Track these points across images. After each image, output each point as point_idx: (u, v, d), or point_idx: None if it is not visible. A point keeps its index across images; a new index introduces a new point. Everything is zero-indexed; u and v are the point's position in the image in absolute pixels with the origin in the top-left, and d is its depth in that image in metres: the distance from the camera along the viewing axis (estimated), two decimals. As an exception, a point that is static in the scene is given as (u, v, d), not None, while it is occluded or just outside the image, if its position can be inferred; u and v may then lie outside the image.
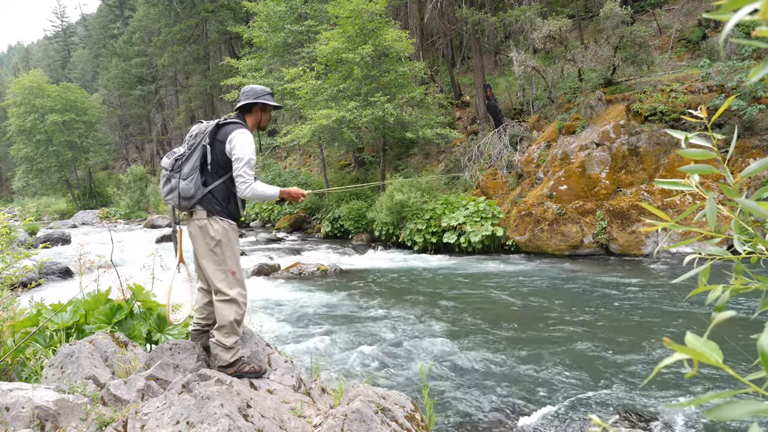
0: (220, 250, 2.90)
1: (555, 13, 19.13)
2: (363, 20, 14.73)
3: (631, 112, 12.08)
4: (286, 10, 18.77)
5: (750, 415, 0.56)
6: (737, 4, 0.58)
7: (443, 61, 24.00)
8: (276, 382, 3.06)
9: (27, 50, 77.85)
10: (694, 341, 0.61)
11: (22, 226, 16.62)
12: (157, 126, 46.28)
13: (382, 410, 2.77)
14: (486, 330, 6.78)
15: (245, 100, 3.06)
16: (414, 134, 14.86)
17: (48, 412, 2.40)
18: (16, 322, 3.42)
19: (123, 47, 45.27)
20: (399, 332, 6.87)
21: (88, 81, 57.32)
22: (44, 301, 3.82)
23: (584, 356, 5.70)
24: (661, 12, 17.72)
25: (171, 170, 2.93)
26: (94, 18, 65.84)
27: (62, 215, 35.80)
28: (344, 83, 15.30)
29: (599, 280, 9.15)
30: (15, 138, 38.18)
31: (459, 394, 4.93)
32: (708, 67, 11.42)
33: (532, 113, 15.79)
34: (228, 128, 2.95)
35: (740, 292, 1.00)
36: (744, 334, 5.65)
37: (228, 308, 2.91)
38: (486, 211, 12.72)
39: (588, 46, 15.74)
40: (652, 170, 11.40)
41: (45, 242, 16.26)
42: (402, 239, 13.75)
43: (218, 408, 2.35)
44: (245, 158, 2.86)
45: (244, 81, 19.15)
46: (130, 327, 3.69)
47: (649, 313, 7.11)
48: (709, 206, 0.91)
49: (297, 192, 3.14)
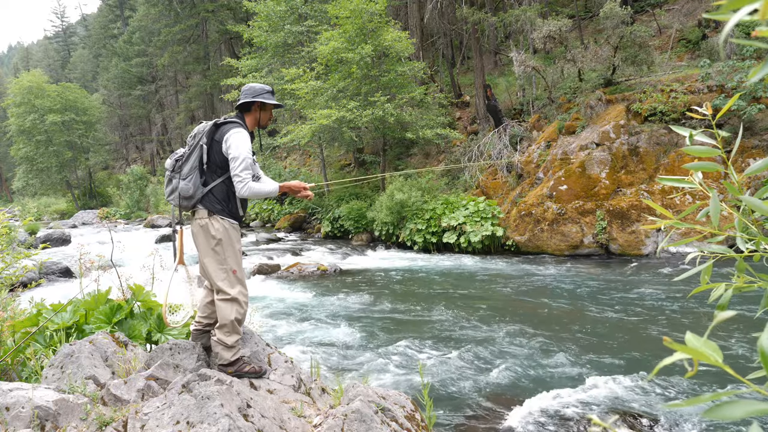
0: (221, 249, 2.92)
1: (555, 13, 19.12)
2: (363, 20, 14.73)
3: (631, 112, 12.07)
4: (286, 10, 18.77)
5: (750, 415, 0.56)
6: (737, 4, 0.58)
7: (443, 61, 24.00)
8: (276, 382, 3.06)
9: (27, 50, 77.85)
10: (694, 341, 0.60)
11: (22, 226, 16.63)
12: (157, 126, 46.26)
13: (382, 410, 2.77)
14: (486, 330, 6.78)
15: (244, 99, 3.08)
16: (414, 134, 14.86)
17: (48, 412, 2.40)
18: (16, 322, 3.42)
19: (123, 47, 45.25)
20: (399, 332, 6.87)
21: (88, 81, 57.31)
22: (44, 301, 3.82)
23: (584, 356, 5.70)
24: (661, 12, 17.72)
25: (172, 171, 3.00)
26: (94, 18, 65.87)
27: (62, 215, 35.80)
28: (344, 83, 15.30)
29: (599, 280, 9.14)
30: (15, 138, 38.19)
31: (459, 394, 4.93)
32: (708, 67, 11.41)
33: (532, 113, 15.79)
34: (225, 128, 2.98)
35: (743, 291, 1.00)
36: (745, 334, 5.66)
37: (229, 307, 2.92)
38: (486, 211, 12.72)
39: (588, 46, 15.73)
40: (652, 170, 11.40)
41: (45, 242, 16.26)
42: (402, 239, 13.75)
43: (218, 408, 2.35)
44: (240, 157, 2.86)
45: (244, 81, 19.15)
46: (130, 327, 3.69)
47: (649, 312, 7.11)
48: (713, 204, 0.91)
49: (298, 185, 3.12)
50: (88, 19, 72.68)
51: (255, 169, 3.07)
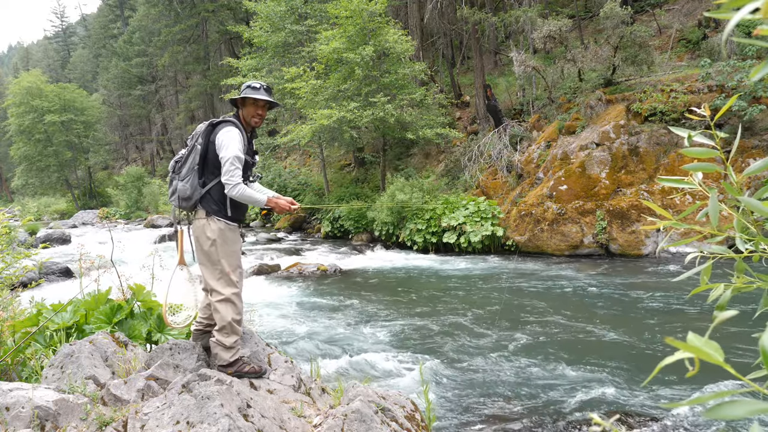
0: (215, 249, 2.92)
1: (555, 13, 19.12)
2: (363, 20, 14.73)
3: (631, 112, 12.07)
4: (287, 9, 18.76)
5: (751, 415, 0.56)
6: (738, 2, 0.58)
7: (443, 61, 23.99)
8: (276, 382, 3.06)
9: (27, 50, 77.83)
10: (695, 340, 0.60)
11: (22, 226, 16.62)
12: (157, 126, 46.27)
13: (382, 410, 2.77)
14: (486, 330, 6.78)
15: (231, 98, 3.15)
16: (414, 134, 14.86)
17: (48, 412, 2.40)
18: (16, 322, 3.42)
19: (123, 47, 45.26)
20: (399, 332, 6.87)
21: (88, 81, 57.31)
22: (44, 301, 3.81)
23: (584, 356, 5.70)
24: (661, 12, 17.71)
25: (173, 172, 3.02)
26: (94, 18, 65.90)
27: (62, 215, 35.78)
28: (345, 84, 15.30)
29: (599, 280, 9.14)
30: (14, 138, 38.21)
31: (459, 394, 4.93)
32: (708, 66, 11.41)
33: (532, 113, 15.79)
34: (218, 128, 2.98)
35: (742, 291, 1.00)
36: (745, 334, 5.66)
37: (225, 308, 2.92)
38: (486, 211, 12.71)
39: (588, 46, 15.73)
40: (651, 170, 11.40)
41: (45, 242, 16.26)
42: (402, 239, 13.74)
43: (218, 408, 2.35)
44: (227, 157, 2.84)
45: (244, 81, 19.13)
46: (131, 327, 3.69)
47: (650, 312, 7.11)
48: (712, 204, 0.91)
49: (285, 204, 3.01)
50: (88, 19, 72.70)
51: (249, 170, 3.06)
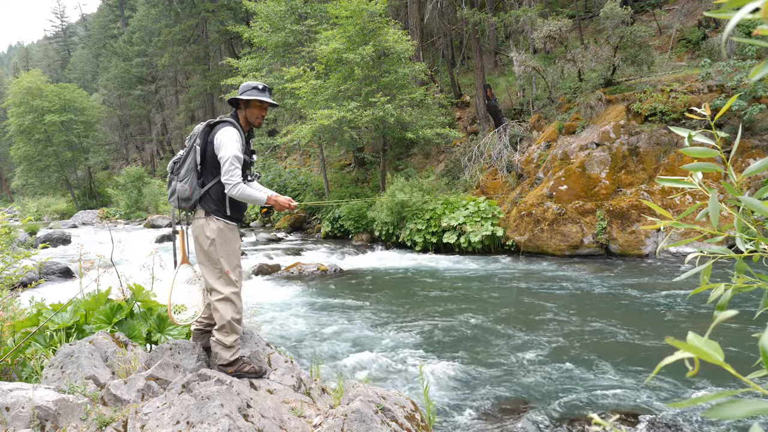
0: (214, 249, 2.93)
1: (555, 13, 19.12)
2: (363, 20, 14.73)
3: (631, 112, 12.07)
4: (287, 9, 18.77)
5: (751, 415, 0.56)
6: (738, 2, 0.58)
7: (443, 61, 23.99)
8: (276, 382, 3.06)
9: (27, 50, 77.82)
10: (695, 340, 0.60)
11: (22, 226, 16.62)
12: (157, 126, 46.26)
13: (382, 410, 2.77)
14: (486, 330, 6.78)
15: (231, 97, 3.14)
16: (414, 134, 14.86)
17: (48, 412, 2.39)
18: (16, 322, 3.42)
19: (123, 47, 45.24)
20: (399, 332, 6.87)
21: (88, 81, 57.31)
22: (44, 301, 3.81)
23: (584, 356, 5.70)
24: (661, 12, 17.71)
25: (171, 173, 3.04)
26: (94, 18, 65.90)
27: (62, 215, 35.78)
28: (345, 84, 15.30)
29: (599, 280, 9.14)
30: (14, 138, 38.20)
31: (459, 394, 4.93)
32: (708, 66, 11.41)
33: (532, 113, 15.78)
34: (216, 128, 2.99)
35: (742, 291, 0.99)
36: (745, 334, 5.66)
37: (224, 307, 2.93)
38: (486, 211, 12.71)
39: (588, 46, 15.72)
40: (652, 170, 11.40)
41: (45, 242, 16.25)
42: (402, 239, 13.74)
43: (218, 408, 2.35)
44: (226, 156, 2.86)
45: (244, 81, 19.13)
46: (130, 327, 3.69)
47: (649, 312, 7.11)
48: (712, 204, 0.91)
49: (285, 202, 3.04)
50: (88, 19, 72.70)
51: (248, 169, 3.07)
